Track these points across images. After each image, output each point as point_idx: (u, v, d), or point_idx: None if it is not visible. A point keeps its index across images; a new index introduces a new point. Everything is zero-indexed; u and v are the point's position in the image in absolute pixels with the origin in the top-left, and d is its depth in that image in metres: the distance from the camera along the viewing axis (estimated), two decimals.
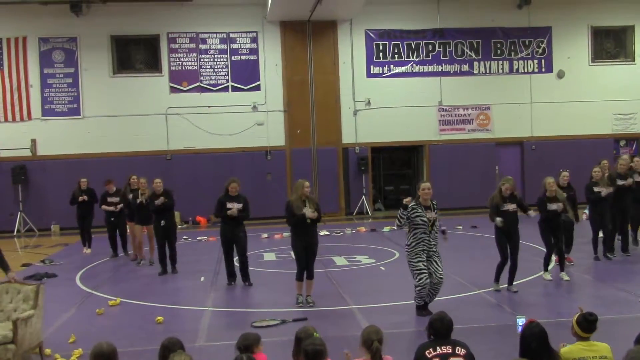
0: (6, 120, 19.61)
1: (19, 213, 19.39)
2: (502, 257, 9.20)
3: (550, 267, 10.08)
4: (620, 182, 11.65)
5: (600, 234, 11.56)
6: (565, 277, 9.86)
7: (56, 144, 19.66)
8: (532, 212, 9.32)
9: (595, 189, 11.16)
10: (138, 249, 13.15)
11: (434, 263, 8.01)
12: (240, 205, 10.28)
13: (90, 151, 19.66)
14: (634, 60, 22.03)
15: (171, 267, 11.69)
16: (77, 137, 19.74)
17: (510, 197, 9.13)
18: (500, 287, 9.26)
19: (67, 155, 19.58)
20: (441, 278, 8.03)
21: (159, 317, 8.40)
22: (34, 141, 19.69)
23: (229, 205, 10.21)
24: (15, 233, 19.20)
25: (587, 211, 12.54)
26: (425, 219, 7.95)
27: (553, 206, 9.67)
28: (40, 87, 19.79)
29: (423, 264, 7.95)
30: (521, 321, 5.47)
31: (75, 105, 19.93)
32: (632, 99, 21.77)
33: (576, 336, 4.72)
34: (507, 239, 9.15)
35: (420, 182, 8.32)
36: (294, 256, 9.15)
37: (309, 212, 8.81)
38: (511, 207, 9.06)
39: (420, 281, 7.94)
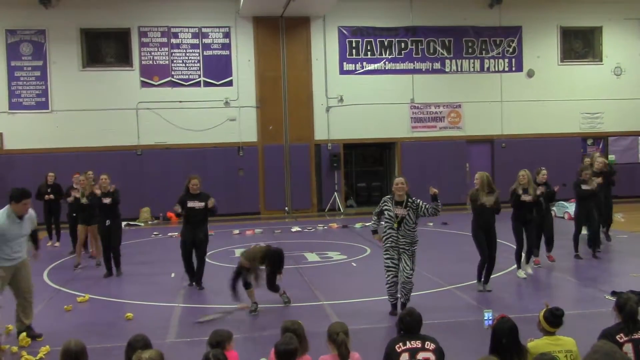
0: None
1: None
2: (482, 255, 9.07)
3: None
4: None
5: (584, 231, 11.76)
6: (526, 273, 9.97)
7: (24, 138, 19.31)
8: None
9: (583, 187, 11.35)
10: (79, 250, 12.44)
11: (403, 261, 7.78)
12: (202, 204, 9.77)
13: (58, 146, 19.36)
14: (601, 60, 22.46)
15: (115, 270, 11.16)
16: (45, 132, 19.42)
17: (488, 193, 8.94)
18: (484, 286, 9.16)
19: (35, 149, 19.26)
20: (408, 277, 7.76)
21: (129, 314, 8.32)
22: (0, 135, 19.33)
23: (190, 204, 9.76)
24: None
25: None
26: (392, 213, 7.77)
27: (526, 197, 9.75)
28: (7, 80, 19.41)
29: (392, 262, 7.81)
30: (488, 315, 5.50)
31: (43, 99, 19.60)
32: (599, 99, 22.20)
33: (542, 331, 4.81)
34: (485, 237, 9.04)
35: (395, 177, 8.18)
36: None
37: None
38: (488, 201, 8.88)
39: (387, 278, 7.87)
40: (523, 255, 10.18)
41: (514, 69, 21.95)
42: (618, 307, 4.80)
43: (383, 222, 8.00)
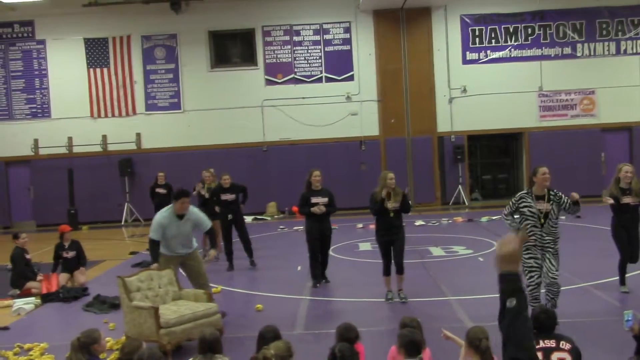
0: (114, 115, 20.67)
1: (125, 204, 20.43)
2: (622, 253, 8.35)
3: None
4: None
5: None
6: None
7: (159, 138, 20.52)
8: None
9: None
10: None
11: (548, 261, 6.99)
12: (326, 200, 9.63)
13: (190, 144, 20.39)
14: None
15: (249, 261, 11.53)
16: (178, 131, 20.53)
17: (630, 188, 8.19)
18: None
19: (169, 148, 20.40)
20: (554, 279, 7.01)
21: (259, 305, 8.60)
22: (138, 135, 20.65)
23: (313, 200, 9.58)
24: (122, 223, 20.25)
25: None
26: (533, 209, 6.99)
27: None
28: (144, 83, 20.71)
29: (535, 261, 7.00)
30: (629, 316, 5.14)
31: (176, 100, 20.73)
32: None
33: None
34: (627, 235, 8.28)
35: (537, 167, 7.18)
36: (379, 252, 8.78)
37: (390, 203, 8.47)
38: (630, 200, 8.15)
39: (531, 279, 7.03)
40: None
41: None
42: None
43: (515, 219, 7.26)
